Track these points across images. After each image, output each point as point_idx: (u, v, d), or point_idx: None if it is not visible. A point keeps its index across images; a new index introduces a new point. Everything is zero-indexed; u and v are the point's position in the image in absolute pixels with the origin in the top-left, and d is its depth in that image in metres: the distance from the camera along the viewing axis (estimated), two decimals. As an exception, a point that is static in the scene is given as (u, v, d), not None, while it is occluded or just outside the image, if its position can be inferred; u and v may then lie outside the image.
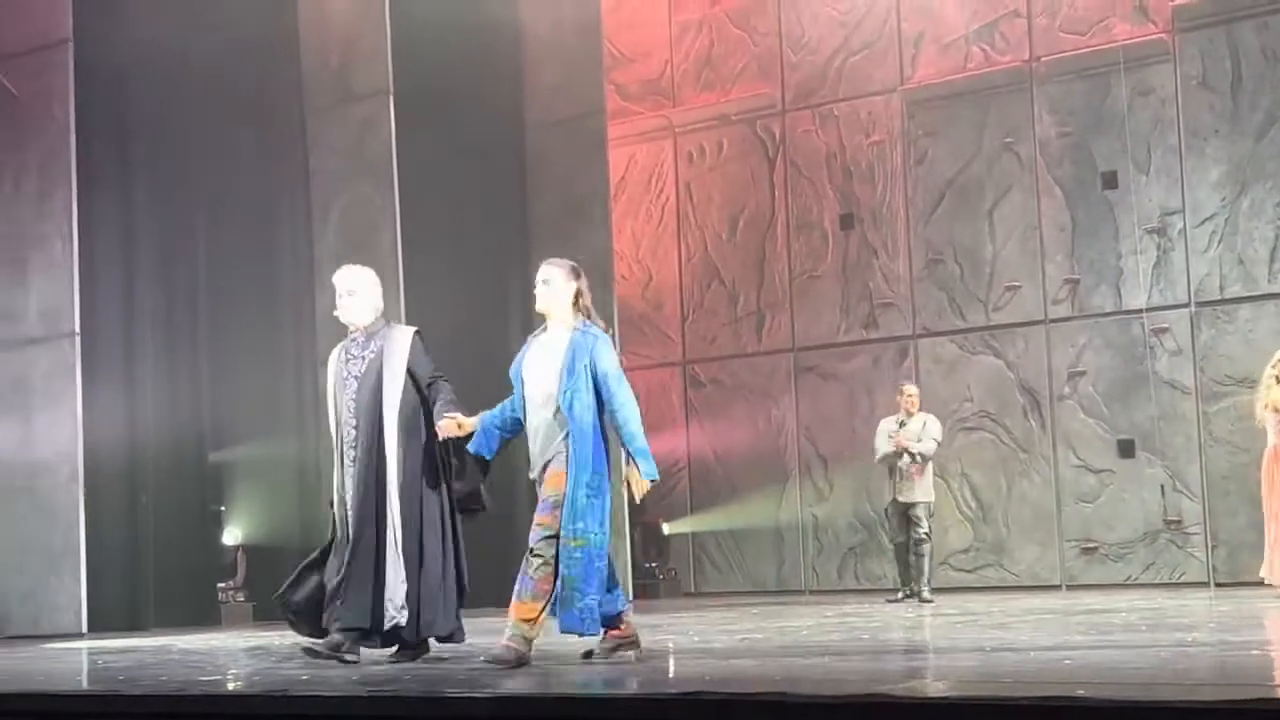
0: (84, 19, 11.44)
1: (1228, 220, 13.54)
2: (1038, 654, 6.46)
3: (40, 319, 11.38)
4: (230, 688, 6.34)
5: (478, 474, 7.25)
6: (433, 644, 7.38)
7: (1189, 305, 13.69)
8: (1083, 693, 4.48)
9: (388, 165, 12.65)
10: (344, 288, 7.44)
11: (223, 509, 12.96)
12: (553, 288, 6.85)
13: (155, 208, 12.41)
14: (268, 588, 10.25)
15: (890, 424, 12.41)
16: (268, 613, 11.24)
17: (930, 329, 14.90)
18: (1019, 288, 14.42)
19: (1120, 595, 12.17)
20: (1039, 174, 14.38)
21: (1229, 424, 13.28)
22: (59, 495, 11.08)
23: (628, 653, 6.86)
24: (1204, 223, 13.65)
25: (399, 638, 7.22)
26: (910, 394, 12.53)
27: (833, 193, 15.51)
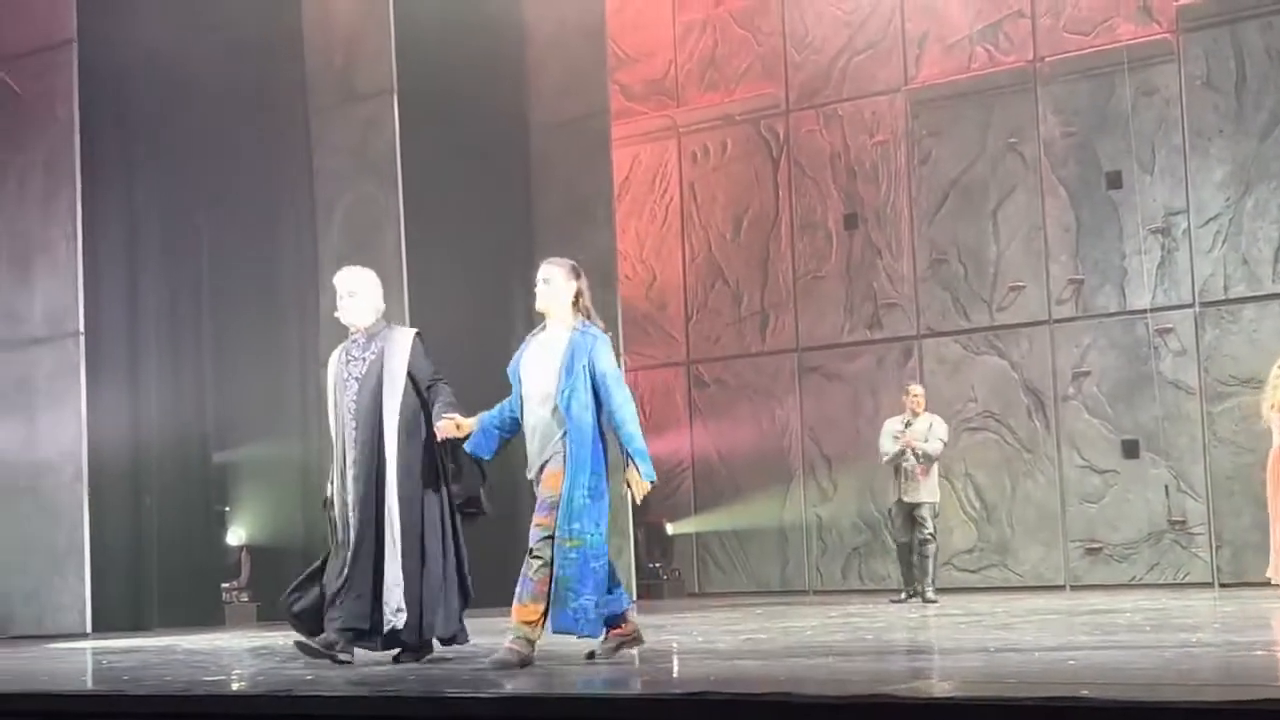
0: (88, 19, 11.45)
1: (1232, 220, 13.53)
2: (1042, 654, 6.45)
3: (44, 319, 11.40)
4: (234, 688, 6.34)
5: (476, 477, 7.24)
6: (436, 645, 7.37)
7: (1193, 305, 13.67)
8: (1087, 693, 4.47)
9: (391, 165, 12.64)
10: (345, 289, 7.42)
11: (227, 509, 12.97)
12: (553, 287, 6.83)
13: (159, 207, 12.42)
14: (272, 588, 10.26)
15: (895, 424, 12.41)
16: (272, 613, 11.23)
17: (934, 329, 14.89)
18: (1023, 288, 14.42)
19: (1124, 596, 12.16)
20: (1043, 174, 14.38)
21: (1233, 424, 13.27)
22: (63, 495, 11.10)
23: (631, 650, 6.85)
24: (1208, 223, 13.64)
25: (399, 640, 7.20)
26: (916, 394, 12.53)
27: (837, 193, 15.50)
